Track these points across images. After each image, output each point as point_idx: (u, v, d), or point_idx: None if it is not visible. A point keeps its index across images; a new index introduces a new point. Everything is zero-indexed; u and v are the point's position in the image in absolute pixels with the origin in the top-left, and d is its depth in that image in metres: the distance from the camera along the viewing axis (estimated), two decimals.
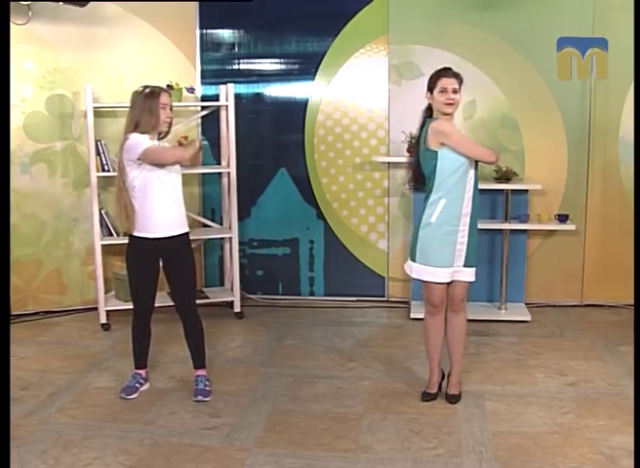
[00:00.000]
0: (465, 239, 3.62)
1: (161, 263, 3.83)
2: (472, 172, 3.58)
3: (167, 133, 3.75)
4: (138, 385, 3.90)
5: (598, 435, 3.38)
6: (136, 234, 3.72)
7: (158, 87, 3.72)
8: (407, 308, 5.40)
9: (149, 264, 3.79)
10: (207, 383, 3.88)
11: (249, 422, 3.56)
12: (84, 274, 5.44)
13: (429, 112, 3.63)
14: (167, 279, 3.84)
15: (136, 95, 3.68)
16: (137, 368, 3.96)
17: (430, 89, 3.57)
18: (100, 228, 5.04)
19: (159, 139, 3.72)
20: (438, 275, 3.66)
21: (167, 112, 3.66)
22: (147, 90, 3.67)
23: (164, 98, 3.66)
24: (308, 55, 5.51)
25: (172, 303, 5.03)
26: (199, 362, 3.92)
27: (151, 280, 3.82)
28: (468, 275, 3.68)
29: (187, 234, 3.81)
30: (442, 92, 3.51)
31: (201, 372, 3.92)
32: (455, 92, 3.51)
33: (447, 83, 3.51)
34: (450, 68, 3.58)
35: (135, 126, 3.65)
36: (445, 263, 3.64)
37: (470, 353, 4.38)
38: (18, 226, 5.13)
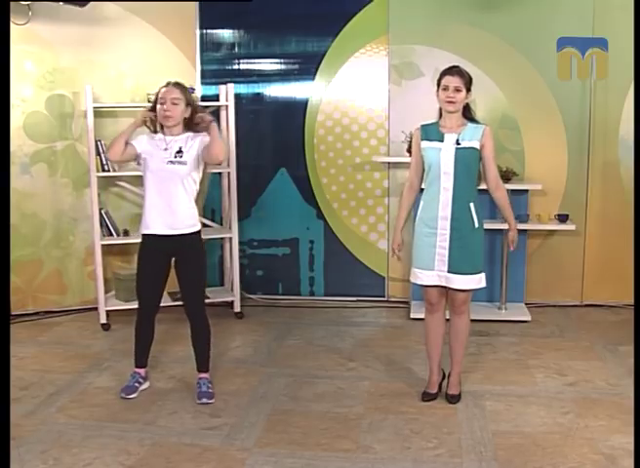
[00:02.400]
0: (446, 244, 3.56)
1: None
2: (450, 175, 3.53)
3: (183, 126, 3.71)
4: (137, 384, 3.90)
5: (598, 435, 3.38)
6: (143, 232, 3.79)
7: (169, 82, 3.75)
8: (407, 308, 5.40)
9: (156, 263, 3.77)
10: (209, 385, 3.87)
11: (249, 422, 3.56)
12: (84, 274, 5.44)
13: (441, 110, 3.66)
14: (177, 280, 3.84)
15: None
16: (136, 366, 3.95)
17: (437, 86, 3.59)
18: (100, 228, 5.03)
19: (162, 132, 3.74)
20: (420, 277, 3.67)
21: (164, 106, 3.63)
22: None
23: (162, 92, 3.66)
24: (308, 55, 5.51)
25: (173, 303, 5.07)
26: (203, 365, 3.90)
27: (157, 279, 3.81)
28: (458, 282, 3.60)
29: (197, 234, 3.77)
30: (444, 89, 3.53)
31: (204, 375, 3.90)
32: (457, 90, 3.51)
33: (449, 81, 3.52)
34: (456, 67, 3.58)
35: None
36: (426, 266, 3.63)
37: (471, 353, 4.38)
38: (18, 226, 5.13)
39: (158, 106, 3.66)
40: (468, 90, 3.55)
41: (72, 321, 5.26)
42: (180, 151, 3.66)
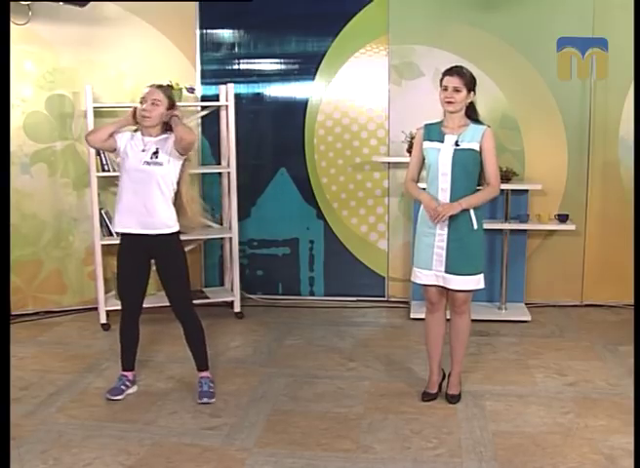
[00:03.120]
0: (444, 244, 3.56)
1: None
2: (447, 175, 3.53)
3: (162, 127, 3.68)
4: (123, 387, 3.87)
5: (598, 435, 3.38)
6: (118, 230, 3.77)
7: (154, 84, 3.74)
8: (407, 308, 5.40)
9: (135, 263, 3.76)
10: (211, 385, 3.85)
11: (249, 422, 3.56)
12: (84, 274, 5.44)
13: None
14: (160, 282, 3.83)
15: None
16: (123, 369, 3.93)
17: (440, 86, 3.59)
18: (100, 228, 5.03)
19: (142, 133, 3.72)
20: (419, 277, 3.69)
21: (143, 106, 3.61)
22: None
23: (145, 92, 3.64)
24: (308, 55, 5.51)
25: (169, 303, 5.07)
26: (202, 364, 3.89)
27: (138, 280, 3.80)
28: (455, 283, 3.60)
29: (174, 235, 3.73)
30: (444, 90, 3.54)
31: (204, 374, 3.89)
32: (456, 90, 3.51)
33: (447, 81, 3.53)
34: (457, 67, 3.58)
35: None
36: (424, 265, 3.64)
37: (471, 353, 4.38)
38: (18, 226, 5.13)
39: (138, 106, 3.66)
40: (470, 90, 3.54)
41: (72, 321, 5.25)
42: (156, 152, 3.63)
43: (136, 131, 3.76)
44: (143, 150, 3.65)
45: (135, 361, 3.96)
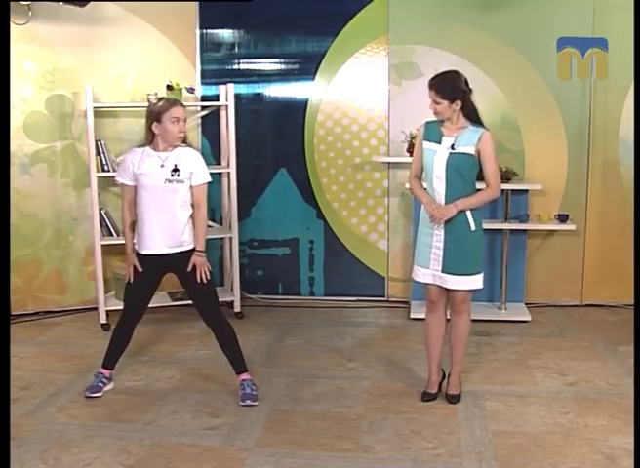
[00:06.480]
0: (441, 244, 3.57)
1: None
2: (442, 178, 3.53)
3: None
4: (101, 384, 3.87)
5: (598, 435, 3.38)
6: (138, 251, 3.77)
7: (172, 98, 3.74)
8: (407, 308, 5.40)
9: (150, 278, 3.76)
10: (253, 387, 3.79)
11: (249, 422, 3.56)
12: (84, 274, 5.44)
13: None
14: (187, 293, 3.83)
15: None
16: (103, 367, 3.91)
17: None
18: (100, 228, 5.03)
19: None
20: (417, 274, 3.71)
21: (178, 125, 3.57)
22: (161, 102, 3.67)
23: (174, 111, 3.56)
24: (308, 55, 5.51)
25: (173, 303, 5.09)
26: (239, 366, 3.83)
27: (148, 290, 3.81)
28: (451, 282, 3.60)
29: (193, 250, 3.71)
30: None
31: (245, 377, 3.82)
32: (435, 102, 3.51)
33: (429, 94, 3.54)
34: (435, 78, 3.55)
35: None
36: (422, 263, 3.67)
37: (470, 353, 4.38)
38: (18, 226, 5.13)
39: (169, 125, 3.56)
40: (453, 99, 3.48)
41: (72, 321, 5.25)
42: (175, 169, 3.60)
43: (140, 146, 3.68)
44: (162, 165, 3.61)
45: (117, 362, 3.95)
